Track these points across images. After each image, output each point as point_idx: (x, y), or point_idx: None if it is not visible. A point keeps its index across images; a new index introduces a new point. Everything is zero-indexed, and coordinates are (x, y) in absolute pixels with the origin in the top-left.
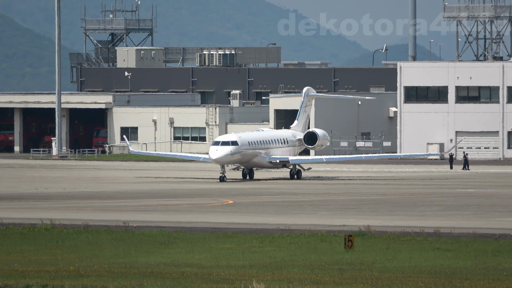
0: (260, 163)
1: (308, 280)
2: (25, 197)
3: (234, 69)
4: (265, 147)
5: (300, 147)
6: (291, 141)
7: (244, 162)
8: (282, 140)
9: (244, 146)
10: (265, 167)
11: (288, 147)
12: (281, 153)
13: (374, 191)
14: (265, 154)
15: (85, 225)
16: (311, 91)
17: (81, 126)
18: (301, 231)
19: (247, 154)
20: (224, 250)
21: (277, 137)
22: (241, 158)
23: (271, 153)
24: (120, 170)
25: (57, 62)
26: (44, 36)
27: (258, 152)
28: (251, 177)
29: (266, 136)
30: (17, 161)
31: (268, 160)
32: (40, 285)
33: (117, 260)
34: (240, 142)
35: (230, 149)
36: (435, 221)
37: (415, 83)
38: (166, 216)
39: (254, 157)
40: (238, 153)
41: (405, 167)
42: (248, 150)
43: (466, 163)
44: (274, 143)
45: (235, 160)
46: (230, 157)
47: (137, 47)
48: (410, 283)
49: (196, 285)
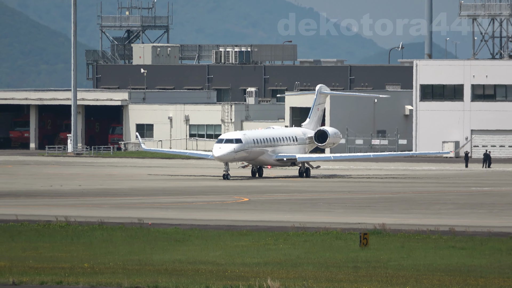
0: (267, 161)
1: (323, 278)
2: (40, 194)
3: (250, 67)
4: (272, 145)
5: (311, 145)
6: (301, 139)
7: (250, 160)
8: (291, 138)
9: (248, 144)
10: (272, 165)
11: (297, 145)
12: (289, 151)
13: (389, 189)
14: (272, 152)
15: (100, 222)
16: (324, 89)
17: (97, 123)
18: (316, 229)
19: (252, 152)
20: (239, 247)
21: (286, 135)
22: (246, 156)
23: (279, 151)
24: (135, 167)
25: (73, 59)
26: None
27: (264, 149)
28: (260, 175)
29: (273, 134)
30: (33, 158)
31: (275, 158)
32: (55, 282)
33: (132, 257)
34: (244, 140)
35: (234, 146)
36: (450, 219)
37: (431, 81)
38: (181, 214)
39: (260, 154)
40: (243, 150)
41: (420, 165)
42: (253, 148)
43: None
44: (282, 141)
45: (239, 157)
46: (234, 154)
47: (153, 44)
48: (425, 281)
49: (211, 282)
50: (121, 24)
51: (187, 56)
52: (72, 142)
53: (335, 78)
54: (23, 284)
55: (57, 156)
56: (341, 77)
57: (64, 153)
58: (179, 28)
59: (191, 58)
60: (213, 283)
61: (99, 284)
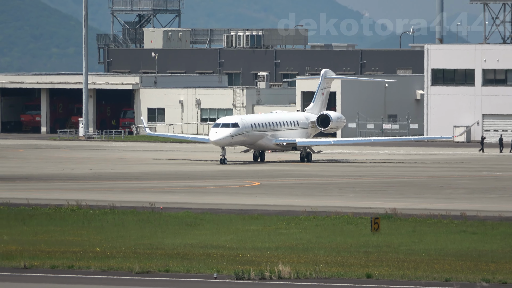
0: (266, 145)
1: (334, 262)
2: (51, 178)
3: (261, 51)
4: (272, 129)
5: (314, 129)
6: (303, 124)
7: (249, 144)
8: (292, 122)
9: (246, 128)
10: (272, 149)
11: (299, 130)
12: (290, 136)
13: (401, 174)
14: (272, 136)
15: (112, 206)
16: (329, 73)
17: (108, 107)
18: (327, 213)
19: (250, 136)
20: (250, 231)
21: (286, 119)
22: (244, 140)
23: (279, 135)
24: (146, 151)
25: (84, 42)
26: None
27: (264, 134)
28: (262, 159)
29: (273, 118)
30: (44, 141)
31: (275, 142)
32: (66, 266)
33: (143, 241)
34: (241, 124)
35: (230, 131)
36: (461, 204)
37: (442, 66)
38: (193, 198)
39: (259, 139)
40: (240, 134)
41: (432, 149)
42: (251, 132)
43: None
44: (282, 125)
45: (236, 142)
46: (230, 139)
47: (164, 28)
48: (436, 266)
49: (222, 266)
50: (132, 8)
51: (198, 40)
52: (83, 126)
53: (346, 62)
54: (34, 268)
55: (69, 140)
56: (352, 62)
57: (76, 137)
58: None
59: (203, 42)
60: (224, 268)
61: (110, 268)
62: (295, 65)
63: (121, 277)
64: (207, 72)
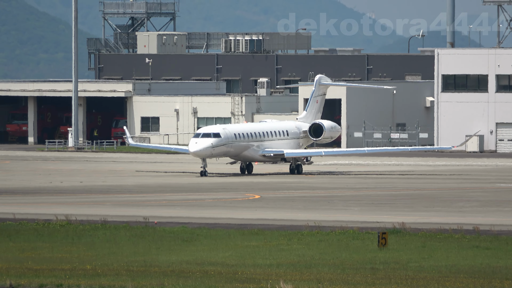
0: (252, 156)
1: (339, 280)
2: (39, 191)
3: (261, 56)
4: (258, 140)
5: (306, 139)
6: (294, 133)
7: (233, 155)
8: (282, 132)
9: (228, 139)
10: (259, 160)
11: (289, 140)
12: (279, 146)
13: (409, 186)
14: (258, 147)
15: (103, 221)
16: (324, 80)
17: (99, 116)
18: (332, 228)
19: (234, 147)
20: (250, 247)
21: (275, 129)
22: (227, 151)
23: (266, 146)
24: (140, 163)
25: (74, 48)
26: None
27: (249, 144)
28: (249, 171)
29: (260, 128)
30: (31, 153)
31: (261, 153)
32: (54, 284)
33: (137, 258)
34: (223, 135)
35: (211, 141)
36: (474, 217)
37: (454, 71)
38: (189, 212)
39: (244, 150)
40: (222, 145)
41: (442, 160)
42: (235, 143)
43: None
44: (270, 136)
45: (218, 153)
46: (211, 150)
47: (158, 32)
48: (447, 284)
49: (220, 285)
50: (124, 10)
51: (195, 45)
52: (73, 136)
53: (352, 68)
54: (21, 287)
55: (57, 151)
56: (358, 67)
57: (65, 147)
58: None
59: (199, 47)
60: (223, 286)
61: (101, 287)
62: (298, 71)
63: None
64: (204, 78)
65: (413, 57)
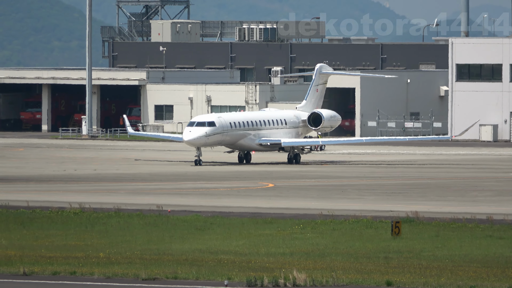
0: (248, 145)
1: (352, 269)
2: (53, 179)
3: (275, 45)
4: (255, 129)
5: (305, 129)
6: (293, 123)
7: (228, 144)
8: (280, 121)
9: (223, 128)
10: (256, 149)
11: (287, 129)
12: (276, 135)
13: (423, 175)
14: (255, 136)
15: (117, 209)
16: (325, 69)
17: (113, 104)
18: (345, 217)
19: (230, 135)
20: (264, 236)
21: (273, 117)
22: (223, 139)
23: (263, 135)
24: (153, 151)
25: (88, 35)
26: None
27: (246, 133)
28: (248, 160)
29: (256, 117)
30: (45, 140)
31: (258, 142)
32: (68, 272)
33: (150, 246)
34: (218, 123)
35: (205, 130)
36: (487, 207)
37: (468, 61)
38: (202, 200)
39: (240, 138)
40: (217, 134)
41: (456, 149)
42: (230, 131)
43: None
44: (268, 124)
45: (213, 142)
46: (205, 139)
47: (172, 20)
48: (461, 273)
49: (234, 273)
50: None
51: (209, 33)
52: (86, 124)
53: (366, 57)
54: (35, 274)
55: (71, 139)
56: (372, 56)
57: (79, 135)
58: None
59: (213, 35)
60: (236, 274)
61: (115, 275)
62: (312, 60)
63: (126, 284)
64: (218, 67)
65: (427, 46)
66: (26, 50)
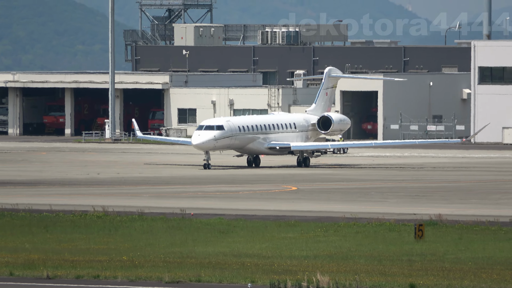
0: (257, 149)
1: (376, 272)
2: (76, 182)
3: (298, 48)
4: (264, 132)
5: (314, 132)
6: (302, 126)
7: (237, 148)
8: (289, 124)
9: (232, 131)
10: (264, 153)
11: (296, 133)
12: (286, 139)
13: (445, 178)
14: (264, 139)
15: (140, 212)
16: (333, 72)
17: (136, 107)
18: (368, 220)
19: (239, 139)
20: (287, 239)
21: (282, 121)
22: (231, 143)
23: (272, 138)
24: (176, 155)
25: (111, 39)
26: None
27: (255, 137)
28: (256, 164)
29: (265, 121)
30: (68, 144)
31: (267, 146)
32: (91, 275)
33: (173, 249)
34: (227, 127)
35: (214, 134)
36: (510, 210)
37: (490, 64)
38: (225, 203)
39: (249, 142)
40: (226, 138)
41: (479, 152)
42: (239, 135)
43: None
44: (277, 128)
45: (221, 146)
46: (214, 142)
47: (195, 24)
48: (484, 275)
49: (257, 276)
50: (161, 2)
51: (232, 36)
52: (110, 127)
53: (388, 60)
54: (58, 278)
55: (94, 143)
56: (395, 59)
57: (102, 139)
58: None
59: (236, 39)
60: (259, 277)
61: (138, 278)
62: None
63: (150, 287)
64: (241, 70)
65: (449, 49)
66: (49, 54)
